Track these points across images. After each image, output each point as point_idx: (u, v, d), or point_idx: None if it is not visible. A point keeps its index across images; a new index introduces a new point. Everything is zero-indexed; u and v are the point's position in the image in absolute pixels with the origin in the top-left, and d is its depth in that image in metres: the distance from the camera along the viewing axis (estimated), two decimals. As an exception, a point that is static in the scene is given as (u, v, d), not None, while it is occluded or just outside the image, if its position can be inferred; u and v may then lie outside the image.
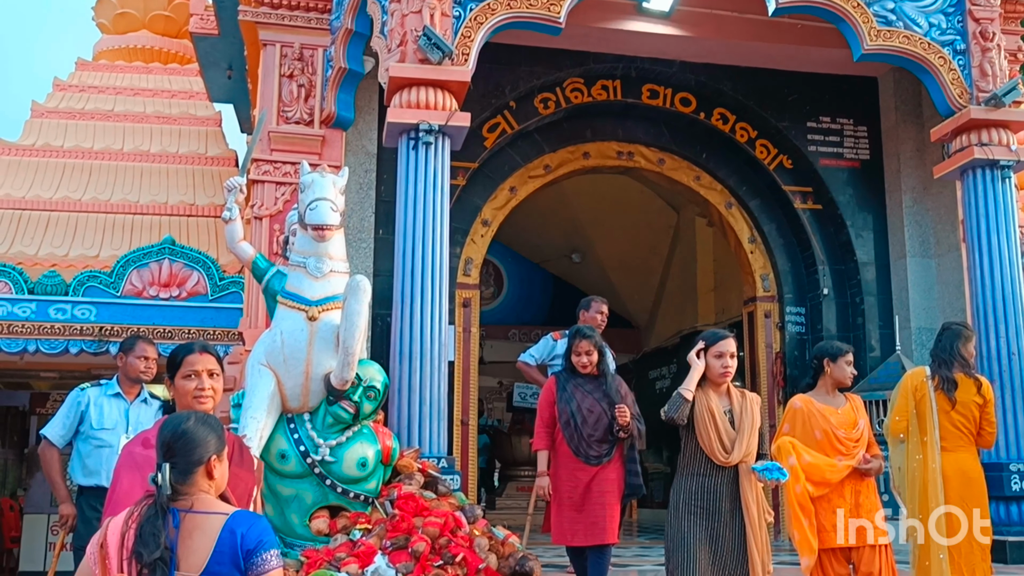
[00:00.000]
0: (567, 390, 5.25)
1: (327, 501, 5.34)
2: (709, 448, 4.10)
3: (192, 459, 2.32)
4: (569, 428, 5.17)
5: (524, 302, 15.62)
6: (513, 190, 8.87)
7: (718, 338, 4.30)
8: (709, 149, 9.18)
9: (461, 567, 4.89)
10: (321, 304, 5.32)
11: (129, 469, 2.74)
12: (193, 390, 2.95)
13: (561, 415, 5.21)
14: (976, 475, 4.78)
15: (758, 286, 9.27)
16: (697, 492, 4.11)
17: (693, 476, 4.16)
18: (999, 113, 7.18)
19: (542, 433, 5.32)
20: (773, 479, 3.97)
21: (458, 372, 8.24)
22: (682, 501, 4.13)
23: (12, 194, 9.19)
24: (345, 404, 5.31)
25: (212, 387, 2.98)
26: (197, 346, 3.08)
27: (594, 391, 5.22)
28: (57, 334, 7.57)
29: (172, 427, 2.35)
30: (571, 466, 5.15)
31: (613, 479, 5.14)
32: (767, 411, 9.00)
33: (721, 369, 4.24)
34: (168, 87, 11.41)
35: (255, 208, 7.16)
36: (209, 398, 2.97)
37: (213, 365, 3.04)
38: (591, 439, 5.13)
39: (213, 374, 3.02)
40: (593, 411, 5.15)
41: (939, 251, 8.61)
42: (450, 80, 6.55)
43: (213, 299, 7.89)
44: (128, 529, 2.20)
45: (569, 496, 5.11)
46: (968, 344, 4.90)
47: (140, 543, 2.16)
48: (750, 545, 3.98)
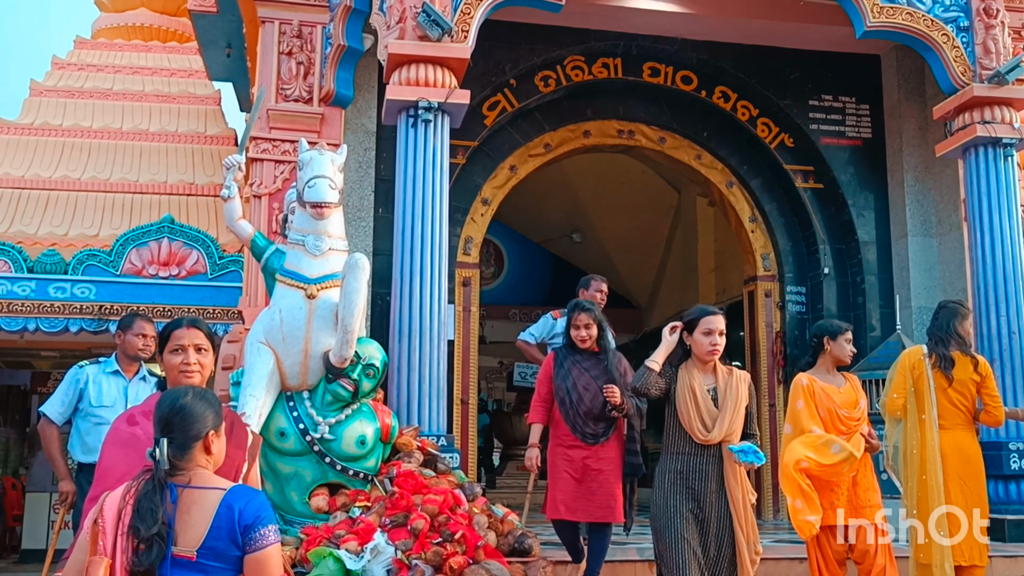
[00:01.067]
0: (564, 367, 5.14)
1: (326, 479, 5.35)
2: (688, 426, 4.00)
3: (190, 434, 2.31)
4: (565, 405, 5.08)
5: (525, 282, 15.62)
6: (513, 169, 8.83)
7: (706, 313, 4.16)
8: (710, 128, 9.14)
9: (460, 544, 4.90)
10: (320, 282, 5.32)
11: (112, 446, 2.73)
12: (179, 364, 2.90)
13: (558, 392, 5.12)
14: (974, 453, 4.78)
15: (758, 265, 9.26)
16: (681, 471, 4.00)
17: (676, 455, 4.05)
18: (1002, 91, 7.13)
19: (538, 407, 5.24)
20: (748, 462, 3.86)
21: (458, 351, 8.24)
22: (667, 480, 4.02)
23: (11, 173, 9.16)
24: (344, 382, 5.31)
25: (199, 361, 2.93)
26: (185, 321, 3.02)
27: (592, 368, 5.11)
28: (57, 313, 7.58)
29: (170, 402, 2.34)
30: (568, 443, 5.07)
31: (612, 457, 5.03)
32: (767, 391, 9.02)
33: (709, 347, 4.10)
34: (167, 65, 11.35)
35: (254, 187, 7.14)
36: (196, 372, 2.91)
37: (201, 340, 2.97)
38: (587, 417, 5.03)
39: (201, 349, 2.96)
40: (589, 389, 5.04)
41: (941, 231, 8.58)
42: (449, 57, 6.51)
43: (212, 278, 7.89)
44: (125, 505, 2.19)
45: (566, 471, 5.02)
46: (964, 322, 4.89)
47: (138, 518, 2.15)
48: (736, 526, 3.88)
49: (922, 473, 4.65)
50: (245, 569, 2.21)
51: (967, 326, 4.91)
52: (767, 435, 8.90)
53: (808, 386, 4.65)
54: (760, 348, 9.15)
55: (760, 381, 9.06)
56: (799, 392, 4.67)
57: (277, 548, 2.26)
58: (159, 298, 7.69)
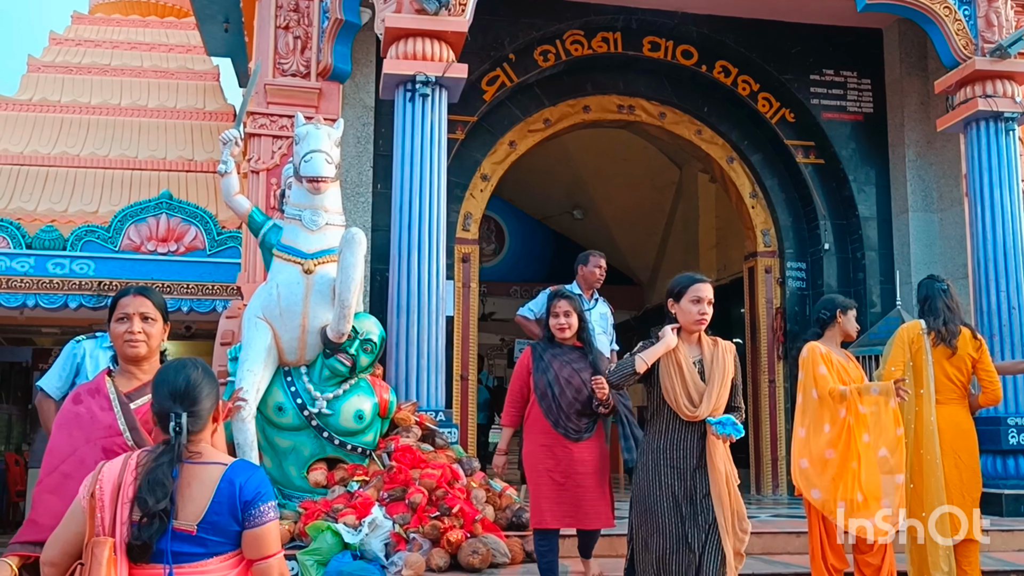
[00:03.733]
0: (544, 360, 4.65)
1: (325, 453, 5.38)
2: (675, 402, 3.67)
3: (205, 407, 2.30)
4: (546, 400, 4.57)
5: (526, 259, 15.61)
6: (513, 144, 8.79)
7: (694, 281, 3.82)
8: (711, 103, 9.09)
9: (458, 518, 4.93)
10: (317, 257, 5.32)
11: (58, 428, 2.67)
12: (124, 333, 2.74)
13: (537, 386, 4.62)
14: (968, 427, 4.78)
15: (759, 241, 9.23)
16: (666, 449, 3.70)
17: (661, 433, 3.74)
18: (1004, 64, 7.08)
19: (511, 408, 4.77)
20: (726, 434, 3.58)
21: (457, 327, 8.24)
22: (650, 460, 3.71)
23: (10, 149, 9.15)
24: (342, 357, 5.32)
25: (144, 330, 2.74)
26: (133, 289, 2.86)
27: (575, 361, 4.64)
28: (56, 288, 7.58)
29: (184, 377, 2.29)
30: (549, 442, 4.54)
31: (596, 458, 4.57)
32: (767, 367, 9.02)
33: (697, 316, 3.77)
34: (165, 41, 11.30)
35: (252, 162, 7.11)
36: (142, 342, 2.74)
37: (147, 308, 2.78)
38: (571, 411, 4.54)
39: (147, 318, 2.76)
40: (572, 381, 4.56)
41: (942, 206, 8.55)
42: (447, 31, 6.47)
43: (211, 254, 7.89)
44: (127, 478, 2.17)
45: (548, 474, 4.50)
46: (954, 294, 4.90)
47: (147, 491, 2.12)
48: (716, 506, 3.61)
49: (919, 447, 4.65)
50: (243, 544, 2.21)
51: (957, 297, 4.91)
52: (766, 410, 8.92)
53: (826, 354, 4.63)
54: (760, 324, 9.14)
55: (760, 357, 9.06)
56: (819, 358, 4.60)
57: (276, 524, 2.27)
58: (157, 274, 7.69)
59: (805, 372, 4.65)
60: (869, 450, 4.41)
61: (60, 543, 2.21)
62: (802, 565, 5.07)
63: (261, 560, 2.22)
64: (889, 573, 4.46)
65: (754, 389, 9.03)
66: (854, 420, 4.45)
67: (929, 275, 5.16)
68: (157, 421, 2.28)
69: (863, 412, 4.42)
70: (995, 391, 4.80)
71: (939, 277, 5.04)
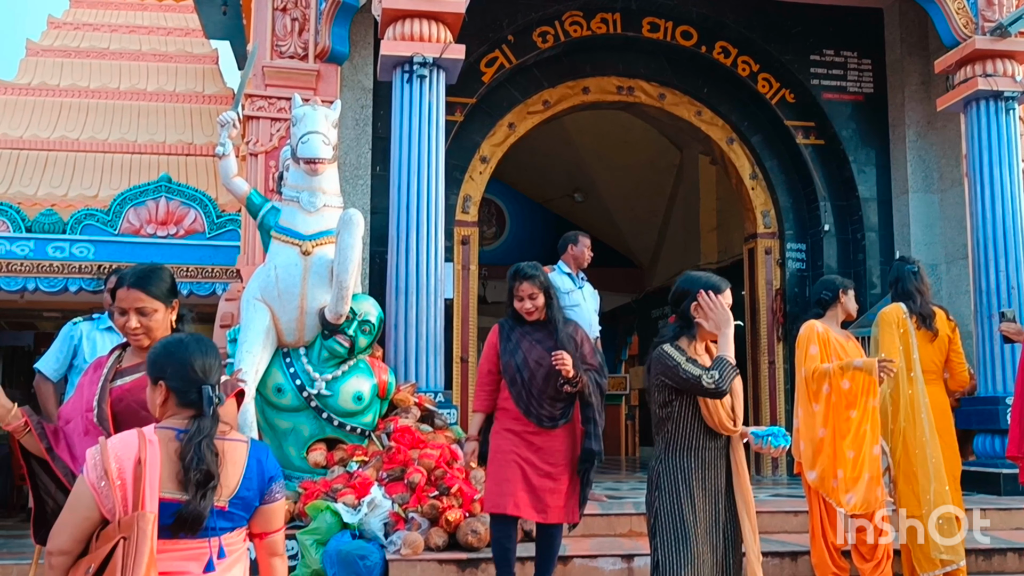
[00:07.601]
0: (512, 340, 4.28)
1: (324, 434, 5.40)
2: (717, 419, 3.26)
3: (228, 385, 2.34)
4: (516, 385, 4.21)
5: (527, 242, 15.57)
6: (512, 126, 8.78)
7: (727, 287, 3.43)
8: (710, 84, 9.06)
9: (456, 498, 4.95)
10: (315, 239, 5.32)
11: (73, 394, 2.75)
12: (123, 327, 2.71)
13: (506, 370, 4.26)
14: (947, 407, 4.94)
15: (759, 223, 9.22)
16: (697, 468, 3.29)
17: (689, 450, 3.31)
18: (1005, 43, 7.06)
19: (480, 392, 4.41)
20: (779, 446, 3.26)
21: (457, 309, 8.25)
22: (681, 482, 3.27)
23: (9, 134, 9.13)
24: (340, 338, 5.34)
25: (143, 324, 2.68)
26: (128, 280, 2.74)
27: (545, 339, 4.23)
28: (56, 272, 7.59)
29: (210, 352, 2.29)
30: (519, 430, 4.20)
31: (567, 449, 4.22)
32: (766, 348, 9.03)
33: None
34: (164, 24, 11.26)
35: (250, 144, 7.10)
36: (141, 336, 2.69)
37: (143, 303, 2.69)
38: (543, 396, 4.18)
39: (143, 311, 2.69)
40: (542, 364, 4.16)
41: (942, 186, 8.53)
42: (444, 11, 6.45)
43: (210, 237, 7.88)
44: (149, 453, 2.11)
45: (516, 460, 4.15)
46: (924, 277, 4.94)
47: (209, 463, 2.11)
48: (745, 530, 3.30)
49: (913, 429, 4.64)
50: (256, 518, 2.26)
51: (927, 280, 4.98)
52: (766, 392, 8.94)
53: (823, 334, 4.63)
54: (760, 306, 9.14)
55: (760, 338, 9.07)
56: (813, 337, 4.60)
57: (284, 504, 2.36)
58: (157, 257, 7.67)
59: (798, 351, 4.68)
60: (855, 424, 4.44)
61: (68, 529, 2.16)
62: (800, 544, 5.11)
63: (272, 533, 2.30)
64: (886, 554, 4.48)
65: (754, 370, 9.04)
66: (836, 397, 4.47)
67: (900, 256, 5.21)
68: (177, 395, 2.23)
69: (844, 388, 4.44)
70: (964, 374, 4.92)
71: (909, 259, 5.08)
